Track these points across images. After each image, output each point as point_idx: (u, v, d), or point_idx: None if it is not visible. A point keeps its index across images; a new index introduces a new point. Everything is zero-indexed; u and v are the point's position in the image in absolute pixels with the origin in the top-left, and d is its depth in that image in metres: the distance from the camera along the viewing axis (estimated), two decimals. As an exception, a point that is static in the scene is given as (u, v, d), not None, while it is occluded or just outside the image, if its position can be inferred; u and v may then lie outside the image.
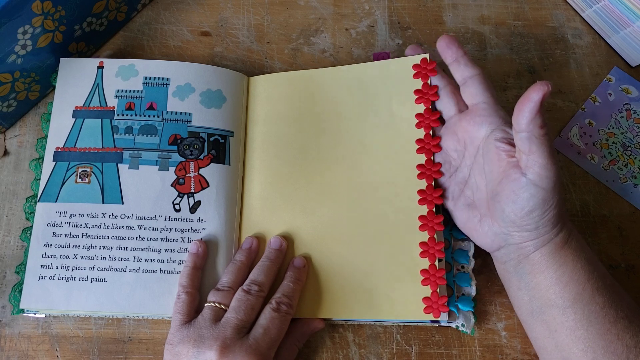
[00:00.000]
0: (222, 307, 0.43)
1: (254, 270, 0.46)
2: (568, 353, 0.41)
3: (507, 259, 0.44)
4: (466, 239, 0.48)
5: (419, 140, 0.48)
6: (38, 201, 0.48)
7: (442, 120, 0.49)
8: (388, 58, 0.52)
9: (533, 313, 0.43)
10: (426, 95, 0.48)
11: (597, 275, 0.41)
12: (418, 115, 0.49)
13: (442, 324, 0.47)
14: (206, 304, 0.44)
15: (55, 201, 0.48)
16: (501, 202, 0.41)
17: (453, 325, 0.46)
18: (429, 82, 0.49)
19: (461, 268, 0.47)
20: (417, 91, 0.49)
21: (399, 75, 0.50)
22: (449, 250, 0.47)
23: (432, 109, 0.48)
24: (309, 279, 0.47)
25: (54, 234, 0.47)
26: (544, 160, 0.39)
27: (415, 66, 0.49)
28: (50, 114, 0.51)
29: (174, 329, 0.43)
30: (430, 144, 0.48)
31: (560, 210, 0.41)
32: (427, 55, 0.49)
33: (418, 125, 0.48)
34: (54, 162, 0.49)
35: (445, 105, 0.48)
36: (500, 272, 0.46)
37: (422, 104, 0.49)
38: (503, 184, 0.41)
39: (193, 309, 0.44)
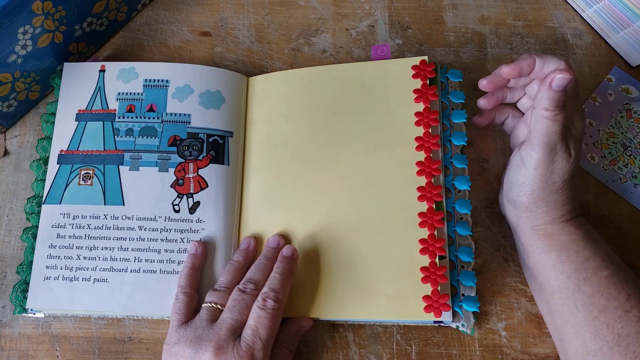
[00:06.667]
0: (219, 307, 0.43)
1: (251, 269, 0.45)
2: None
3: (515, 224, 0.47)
4: (470, 237, 0.47)
5: (418, 138, 0.48)
6: (43, 203, 0.48)
7: (440, 120, 0.49)
8: (387, 50, 0.53)
9: (534, 290, 0.48)
10: (425, 94, 0.49)
11: (587, 266, 0.43)
12: (417, 114, 0.49)
13: (446, 324, 0.46)
14: (203, 305, 0.44)
15: (59, 203, 0.48)
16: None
17: (453, 325, 0.46)
18: (427, 82, 0.49)
19: (465, 266, 0.47)
20: (416, 90, 0.50)
21: (397, 75, 0.51)
22: (453, 247, 0.47)
23: (431, 108, 0.49)
24: (308, 278, 0.46)
25: (58, 235, 0.47)
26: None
27: (414, 67, 0.50)
28: (50, 114, 0.52)
29: (172, 329, 0.43)
30: (429, 142, 0.48)
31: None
32: (426, 57, 0.50)
33: (417, 124, 0.49)
34: (58, 165, 0.49)
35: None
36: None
37: (421, 103, 0.49)
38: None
39: (191, 310, 0.44)
